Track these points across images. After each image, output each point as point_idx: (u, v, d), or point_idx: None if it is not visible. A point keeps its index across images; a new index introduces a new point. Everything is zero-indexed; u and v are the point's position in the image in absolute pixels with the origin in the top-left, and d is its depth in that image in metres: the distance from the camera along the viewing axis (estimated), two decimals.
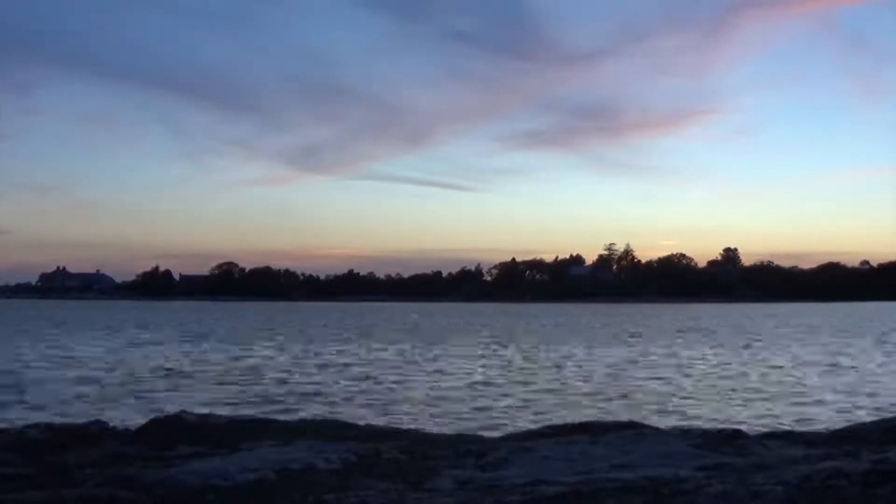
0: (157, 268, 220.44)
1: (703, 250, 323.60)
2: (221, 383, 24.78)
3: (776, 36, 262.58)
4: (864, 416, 16.29)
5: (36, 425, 8.03)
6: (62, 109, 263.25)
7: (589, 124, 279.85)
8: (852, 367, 29.47)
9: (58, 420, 11.79)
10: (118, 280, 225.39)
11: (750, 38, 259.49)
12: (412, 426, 12.88)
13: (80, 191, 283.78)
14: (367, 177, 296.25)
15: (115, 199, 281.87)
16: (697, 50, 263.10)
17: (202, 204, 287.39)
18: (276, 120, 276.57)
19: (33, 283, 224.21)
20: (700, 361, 32.69)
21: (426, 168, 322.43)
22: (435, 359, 34.56)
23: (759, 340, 46.70)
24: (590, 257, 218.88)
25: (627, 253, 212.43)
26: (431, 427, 15.56)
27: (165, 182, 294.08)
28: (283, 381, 25.29)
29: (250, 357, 34.72)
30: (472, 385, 25.49)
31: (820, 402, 20.11)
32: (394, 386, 24.96)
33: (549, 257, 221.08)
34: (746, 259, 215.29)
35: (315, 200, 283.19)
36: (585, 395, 22.22)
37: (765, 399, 20.75)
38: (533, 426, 10.68)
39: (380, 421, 16.07)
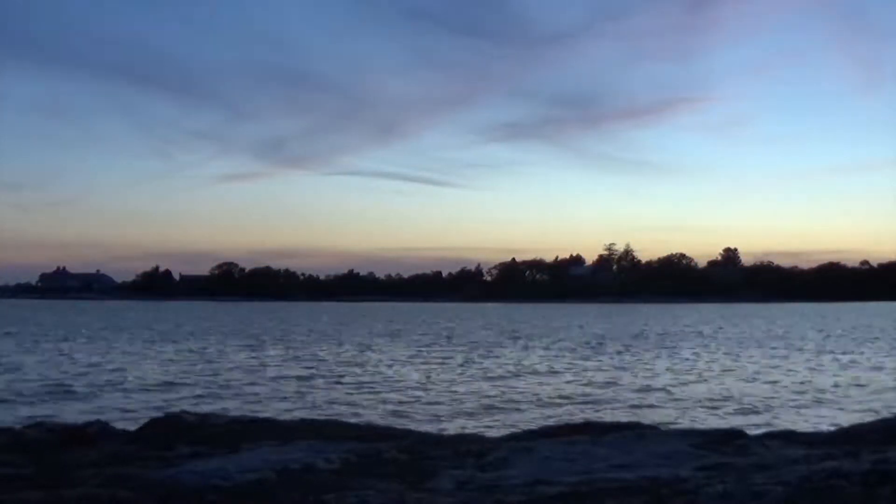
0: (157, 268, 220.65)
1: (703, 250, 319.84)
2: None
3: (767, 14, 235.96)
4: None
5: (36, 425, 8.03)
6: (15, 100, 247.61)
7: (570, 114, 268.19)
8: None
9: (57, 420, 11.80)
10: (118, 280, 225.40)
11: (738, 17, 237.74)
12: (412, 426, 12.91)
13: (53, 189, 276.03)
14: (346, 172, 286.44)
15: (89, 198, 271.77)
16: (680, 30, 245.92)
17: (181, 202, 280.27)
18: (240, 109, 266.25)
19: (33, 283, 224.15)
20: None
21: (406, 162, 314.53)
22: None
23: None
24: (589, 256, 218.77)
25: (627, 253, 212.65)
26: (431, 427, 15.59)
27: (137, 178, 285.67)
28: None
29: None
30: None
31: None
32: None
33: (548, 257, 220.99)
34: (746, 259, 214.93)
35: (296, 197, 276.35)
36: None
37: None
38: (533, 426, 10.69)
39: (380, 421, 16.10)
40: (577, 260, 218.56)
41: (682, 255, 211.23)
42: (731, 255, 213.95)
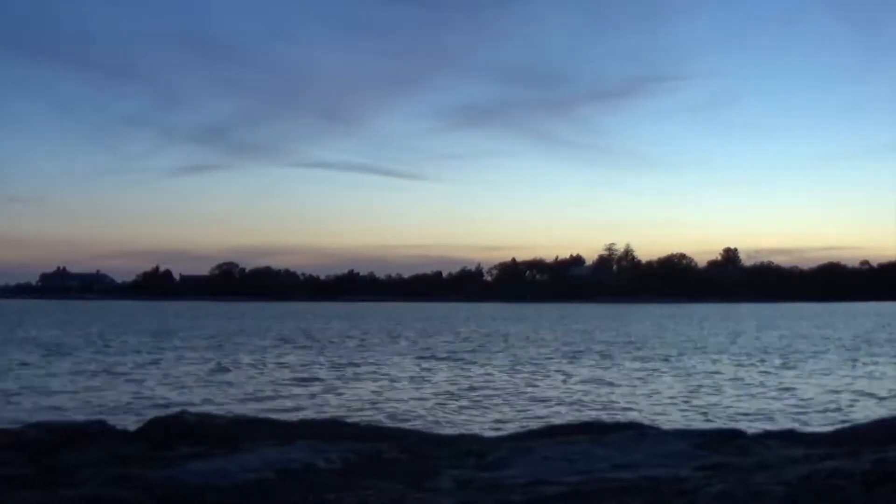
0: (157, 268, 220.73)
1: (698, 247, 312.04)
2: None
3: None
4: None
5: (35, 425, 8.02)
6: None
7: (532, 95, 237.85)
8: None
9: (57, 420, 11.79)
10: (118, 280, 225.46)
11: None
12: (412, 426, 12.91)
13: (10, 184, 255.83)
14: (310, 164, 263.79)
15: (50, 194, 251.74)
16: None
17: (145, 198, 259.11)
18: (167, 91, 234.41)
19: (33, 283, 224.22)
20: None
21: (369, 153, 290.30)
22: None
23: None
24: (589, 256, 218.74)
25: (627, 253, 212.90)
26: (431, 427, 15.59)
27: (89, 172, 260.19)
28: None
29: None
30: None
31: None
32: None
33: (548, 257, 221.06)
34: (743, 255, 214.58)
35: (265, 192, 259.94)
36: None
37: None
38: (534, 426, 10.69)
39: (380, 421, 16.10)
40: (577, 260, 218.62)
41: (683, 255, 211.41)
42: (731, 255, 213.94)
